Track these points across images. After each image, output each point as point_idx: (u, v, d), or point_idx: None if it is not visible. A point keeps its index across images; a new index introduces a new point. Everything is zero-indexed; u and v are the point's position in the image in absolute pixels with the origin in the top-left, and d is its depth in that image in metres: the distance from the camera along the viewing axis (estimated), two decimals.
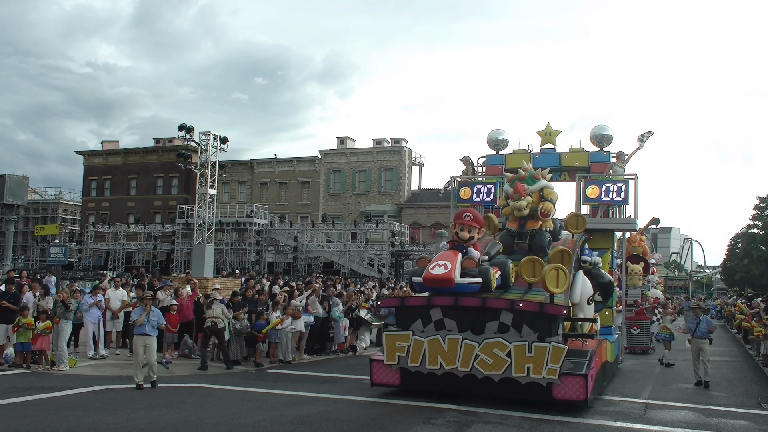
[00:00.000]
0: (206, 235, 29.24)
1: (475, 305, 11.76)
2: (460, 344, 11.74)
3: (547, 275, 11.54)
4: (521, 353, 11.33)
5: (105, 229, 61.62)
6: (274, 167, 68.22)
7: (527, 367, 11.28)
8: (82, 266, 58.64)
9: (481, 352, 11.55)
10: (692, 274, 77.43)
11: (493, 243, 13.87)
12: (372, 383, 12.73)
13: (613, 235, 17.76)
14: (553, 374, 11.15)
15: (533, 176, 14.29)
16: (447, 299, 12.01)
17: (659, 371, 17.81)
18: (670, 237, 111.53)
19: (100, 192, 73.00)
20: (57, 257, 29.60)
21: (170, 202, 66.81)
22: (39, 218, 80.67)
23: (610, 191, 17.18)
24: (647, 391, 14.41)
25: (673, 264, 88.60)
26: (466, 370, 11.68)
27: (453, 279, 11.70)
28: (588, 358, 11.73)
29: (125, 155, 72.49)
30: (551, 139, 19.04)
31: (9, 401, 11.38)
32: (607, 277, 15.19)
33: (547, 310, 11.42)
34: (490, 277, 11.96)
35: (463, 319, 11.90)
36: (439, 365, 11.86)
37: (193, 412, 10.87)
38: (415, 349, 12.07)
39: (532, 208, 14.07)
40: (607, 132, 18.60)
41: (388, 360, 12.37)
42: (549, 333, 11.42)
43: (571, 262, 12.83)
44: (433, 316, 12.12)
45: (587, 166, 18.61)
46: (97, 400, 11.78)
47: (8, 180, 31.64)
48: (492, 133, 19.56)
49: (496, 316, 11.67)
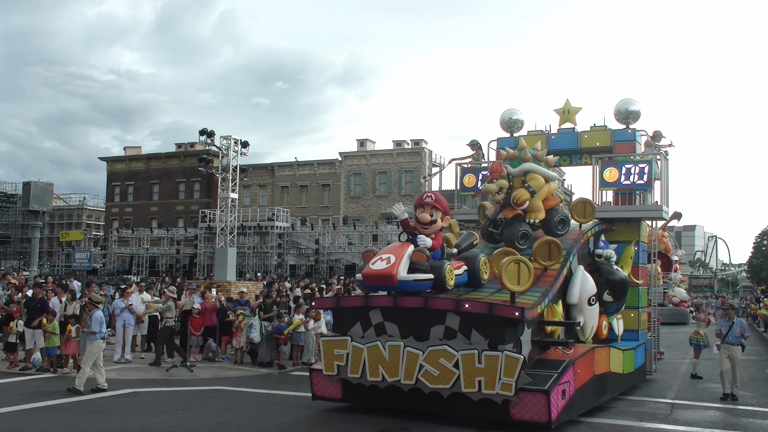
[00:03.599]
0: (228, 239, 29.40)
1: (417, 306, 10.04)
2: (402, 352, 9.97)
3: (505, 270, 9.74)
4: (470, 364, 9.49)
5: (129, 234, 62.22)
6: (294, 170, 68.40)
7: (478, 381, 9.49)
8: (106, 271, 59.15)
9: (426, 362, 9.77)
10: (717, 273, 76.56)
11: (468, 234, 12.21)
12: (313, 397, 11.30)
13: (638, 225, 15.05)
14: (508, 390, 9.31)
15: (522, 158, 12.47)
16: (386, 299, 10.38)
17: (684, 370, 17.57)
18: (695, 235, 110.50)
19: (123, 197, 73.62)
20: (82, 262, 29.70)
21: (192, 207, 67.20)
22: (64, 224, 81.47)
23: (630, 174, 14.71)
24: (673, 391, 14.25)
25: (698, 262, 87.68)
26: (410, 384, 9.96)
27: (394, 275, 9.87)
28: (559, 371, 9.85)
29: (147, 161, 73.07)
30: (570, 118, 16.39)
31: (36, 405, 11.52)
32: (620, 273, 13.36)
33: (498, 312, 9.52)
34: (445, 273, 10.20)
35: (406, 323, 10.18)
36: (381, 377, 10.15)
37: (216, 415, 10.93)
38: (355, 358, 10.37)
39: (511, 195, 12.35)
40: (634, 107, 15.74)
41: (326, 370, 10.77)
42: (502, 340, 9.54)
43: (560, 255, 11.40)
44: (373, 319, 10.46)
45: (609, 146, 15.77)
46: (122, 404, 11.88)
47: (34, 187, 32.13)
48: (505, 113, 17.04)
49: (441, 319, 9.89)
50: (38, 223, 33.22)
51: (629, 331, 14.42)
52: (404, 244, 10.56)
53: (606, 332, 13.14)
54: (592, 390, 11.13)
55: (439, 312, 9.90)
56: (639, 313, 14.79)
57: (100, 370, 13.04)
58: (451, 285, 10.40)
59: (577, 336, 12.01)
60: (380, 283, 10.22)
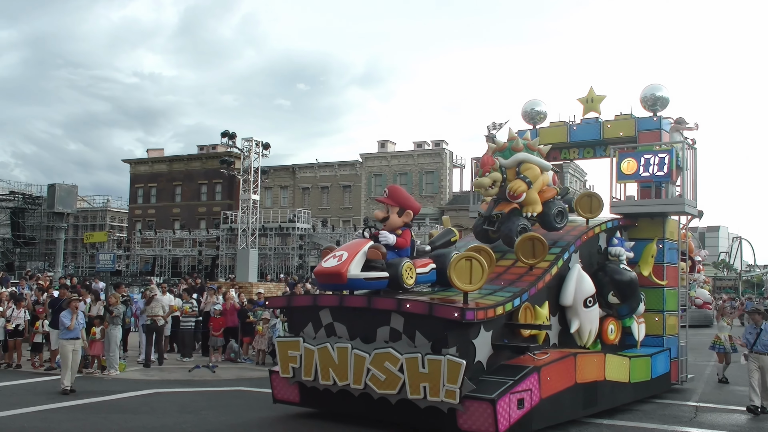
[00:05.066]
0: (250, 240, 29.57)
1: (361, 306, 9.55)
2: (350, 355, 9.42)
3: (454, 267, 9.04)
4: (414, 369, 8.86)
5: (151, 235, 62.84)
6: (315, 172, 68.60)
7: (423, 387, 8.81)
8: (129, 272, 59.71)
9: (373, 366, 9.17)
10: (742, 274, 75.60)
11: (447, 231, 11.53)
12: (274, 400, 11.03)
13: (663, 221, 13.89)
14: (452, 397, 8.62)
15: (514, 148, 11.68)
16: (333, 299, 9.92)
17: (709, 373, 17.38)
18: (719, 236, 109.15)
19: (146, 199, 74.25)
20: (106, 264, 29.99)
21: (214, 208, 67.61)
22: (88, 226, 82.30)
23: (650, 165, 13.48)
24: (697, 393, 14.09)
25: (722, 263, 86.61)
26: (359, 388, 9.40)
27: (344, 273, 9.29)
28: (515, 378, 9.07)
29: (170, 163, 73.61)
30: (594, 107, 15.27)
31: (61, 405, 11.67)
32: (628, 273, 12.31)
33: (438, 312, 8.82)
34: (401, 271, 9.56)
35: (354, 324, 9.67)
36: (332, 380, 9.66)
37: (239, 416, 11.00)
38: (307, 360, 9.92)
39: (506, 187, 11.52)
40: (662, 92, 14.42)
41: (282, 372, 10.39)
42: (445, 343, 8.83)
43: (545, 252, 10.72)
44: (323, 320, 10.02)
45: (634, 136, 14.55)
46: (145, 404, 11.99)
47: (58, 189, 32.46)
48: (527, 104, 16.01)
49: (387, 319, 9.30)
50: (63, 224, 33.58)
51: (652, 336, 13.52)
52: (363, 240, 9.99)
53: (615, 337, 12.38)
54: (572, 400, 10.23)
55: (384, 312, 9.32)
56: (664, 316, 13.66)
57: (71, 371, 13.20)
58: (409, 284, 9.71)
59: (575, 341, 11.39)
60: (330, 282, 9.67)
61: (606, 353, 11.45)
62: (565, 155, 16.04)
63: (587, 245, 12.27)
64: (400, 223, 10.17)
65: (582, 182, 65.79)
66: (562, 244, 11.71)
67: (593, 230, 12.52)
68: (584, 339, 11.45)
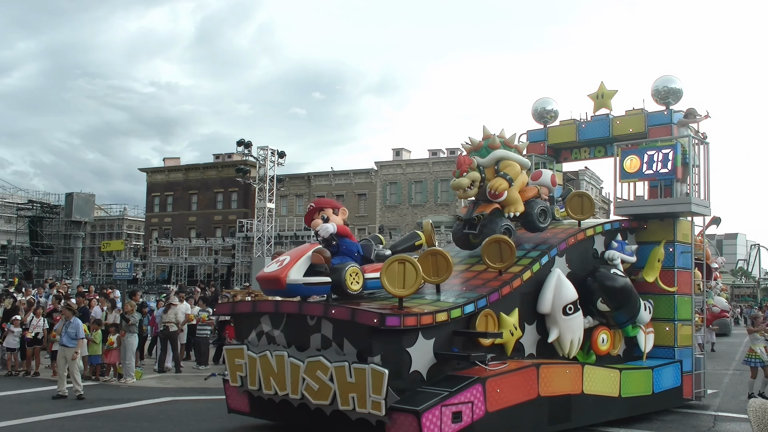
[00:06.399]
0: (266, 248, 29.65)
1: (293, 312, 9.24)
2: (286, 363, 9.05)
3: (386, 271, 8.64)
4: (343, 378, 8.40)
5: (168, 243, 63.20)
6: (330, 180, 68.72)
7: (352, 398, 8.36)
8: (146, 280, 60.07)
9: (306, 375, 8.79)
10: (760, 282, 74.88)
11: (411, 234, 11.17)
12: (228, 409, 10.64)
13: (673, 223, 12.79)
14: (378, 409, 8.09)
15: (491, 145, 10.93)
16: (269, 305, 9.72)
17: (728, 382, 17.22)
18: (736, 243, 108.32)
19: (162, 207, 74.65)
20: (123, 272, 30.26)
21: (230, 217, 67.88)
22: (105, 234, 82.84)
23: (653, 162, 12.54)
24: (716, 403, 13.96)
25: (740, 271, 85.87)
26: (297, 398, 9.01)
27: (282, 278, 8.93)
28: (452, 389, 8.46)
29: (186, 171, 74.01)
30: (605, 103, 14.36)
31: (78, 412, 11.75)
32: (620, 280, 11.28)
33: (359, 318, 8.32)
34: (344, 276, 9.17)
35: (290, 331, 9.33)
36: (273, 390, 9.29)
37: (255, 422, 11.00)
38: (251, 368, 9.58)
39: (485, 188, 10.77)
40: (675, 84, 13.37)
41: (232, 381, 10.05)
42: (370, 351, 8.31)
43: (513, 256, 10.02)
44: (264, 326, 9.70)
45: (644, 131, 13.59)
46: (162, 412, 12.03)
47: (76, 198, 32.66)
48: (538, 102, 15.14)
49: (318, 326, 8.94)
50: (80, 233, 33.78)
51: (662, 347, 12.44)
52: (309, 245, 9.71)
53: (607, 348, 11.42)
54: (534, 415, 9.50)
55: (316, 318, 8.95)
56: (675, 326, 12.51)
57: (63, 378, 13.35)
58: (354, 289, 9.28)
59: (556, 351, 10.58)
60: (270, 287, 9.39)
61: (584, 364, 10.59)
62: (576, 155, 15.30)
63: (577, 249, 11.43)
64: (341, 221, 9.94)
65: (598, 189, 65.51)
66: (543, 247, 10.98)
67: (584, 233, 11.62)
68: (565, 349, 10.58)
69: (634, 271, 12.29)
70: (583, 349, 10.97)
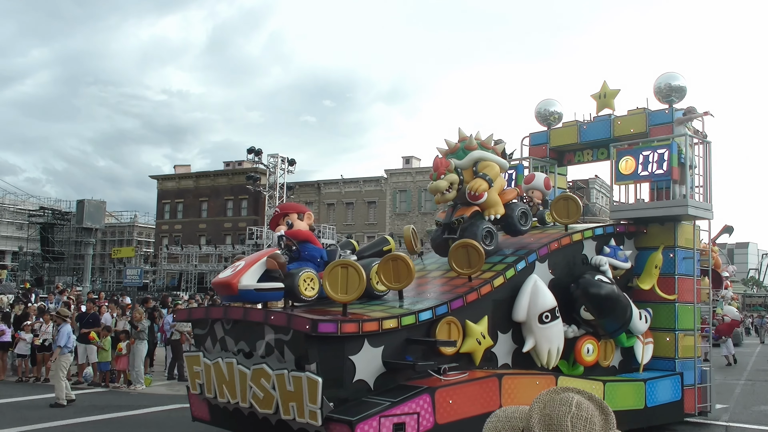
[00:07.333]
0: None
1: (238, 318, 8.97)
2: (235, 370, 8.82)
3: (328, 276, 8.31)
4: (283, 386, 8.12)
5: (178, 250, 63.39)
6: (340, 188, 68.86)
7: (292, 407, 8.06)
8: (156, 287, 60.27)
9: (252, 382, 8.52)
10: None
11: (381, 239, 10.81)
12: (192, 417, 10.27)
13: (674, 227, 12.04)
14: (314, 418, 7.77)
15: (467, 146, 10.51)
16: (219, 311, 9.49)
17: (740, 392, 17.09)
18: (748, 252, 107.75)
19: (173, 215, 74.96)
20: (133, 279, 30.50)
21: (240, 224, 68.06)
22: (116, 241, 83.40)
23: (648, 162, 11.90)
24: (728, 413, 13.85)
25: (752, 280, 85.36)
26: (247, 407, 8.73)
27: (234, 284, 8.64)
28: (396, 399, 8.05)
29: (197, 179, 74.34)
30: (608, 102, 13.78)
31: (88, 419, 11.78)
32: (605, 287, 10.47)
33: (294, 324, 7.96)
34: (298, 282, 8.79)
35: (239, 337, 9.09)
36: (226, 398, 9.02)
37: None
38: (207, 375, 9.31)
39: (463, 190, 10.30)
40: (678, 82, 12.73)
41: (192, 388, 9.77)
42: (306, 358, 7.99)
43: (481, 261, 9.48)
44: (217, 333, 9.44)
45: (645, 131, 12.94)
46: (171, 419, 12.05)
47: (87, 205, 32.88)
48: (541, 104, 14.62)
49: (262, 333, 8.66)
50: (91, 240, 33.96)
51: (663, 358, 11.75)
52: (267, 250, 9.44)
53: (593, 358, 10.70)
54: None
55: (260, 325, 8.64)
56: (676, 336, 11.75)
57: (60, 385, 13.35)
58: (309, 296, 8.86)
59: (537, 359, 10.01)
60: (223, 293, 9.12)
61: (558, 376, 9.94)
62: (579, 158, 14.81)
63: (563, 254, 10.82)
64: (305, 226, 9.60)
65: (609, 198, 65.26)
66: (522, 252, 10.41)
67: (570, 237, 10.97)
68: (542, 359, 9.95)
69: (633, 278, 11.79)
70: (568, 360, 10.45)
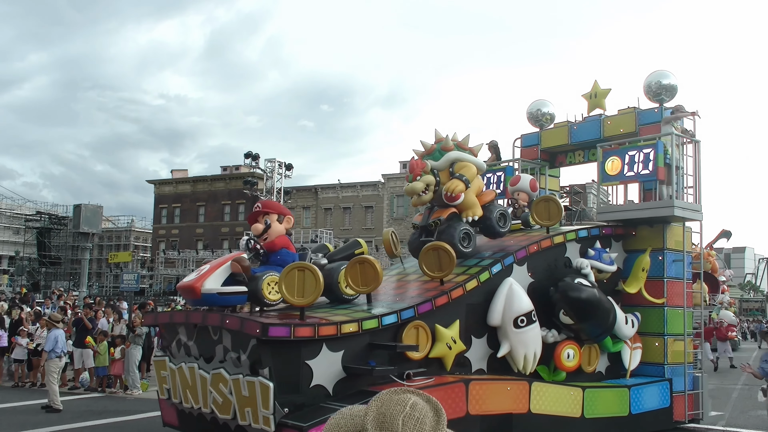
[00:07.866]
0: None
1: (197, 322, 8.85)
2: (197, 375, 8.73)
3: (284, 279, 8.12)
4: (239, 391, 8.03)
5: (175, 255, 63.31)
6: (338, 192, 68.84)
7: (247, 412, 7.98)
8: (153, 292, 60.17)
9: (212, 387, 8.42)
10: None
11: (353, 243, 10.59)
12: (163, 423, 10.08)
13: (663, 229, 11.70)
14: (267, 424, 7.71)
15: (443, 147, 10.28)
16: (181, 315, 9.54)
17: (736, 396, 17.08)
18: (744, 257, 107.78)
19: (170, 219, 74.86)
20: (130, 283, 30.49)
21: (237, 229, 67.94)
22: (113, 245, 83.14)
23: (634, 162, 11.58)
24: (724, 418, 13.85)
25: (748, 285, 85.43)
26: (209, 412, 8.60)
27: (197, 288, 8.54)
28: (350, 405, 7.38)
29: (194, 183, 74.26)
30: (599, 102, 13.49)
31: (85, 424, 11.75)
32: (585, 290, 10.07)
33: (245, 328, 7.86)
34: (262, 286, 8.66)
35: (200, 342, 8.92)
36: (190, 403, 8.90)
37: None
38: (173, 380, 9.20)
39: (440, 191, 10.07)
40: (668, 80, 12.43)
41: (160, 393, 9.68)
42: (259, 362, 7.90)
43: (452, 264, 9.25)
44: (182, 337, 9.28)
45: (635, 131, 12.65)
46: None
47: (84, 209, 32.89)
48: (533, 105, 14.30)
49: (221, 337, 8.58)
50: (88, 244, 33.97)
51: (651, 364, 11.46)
52: (233, 254, 9.34)
53: (574, 364, 10.40)
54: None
55: (217, 329, 8.54)
56: (665, 341, 11.43)
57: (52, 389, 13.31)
58: (272, 299, 8.73)
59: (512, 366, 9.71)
60: (187, 297, 9.05)
61: (532, 381, 9.67)
62: (571, 159, 14.53)
63: (543, 257, 10.56)
64: (282, 230, 9.37)
65: (606, 202, 65.25)
66: (499, 255, 10.16)
67: (551, 239, 10.70)
68: (518, 364, 9.66)
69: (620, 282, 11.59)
70: (549, 366, 10.24)
